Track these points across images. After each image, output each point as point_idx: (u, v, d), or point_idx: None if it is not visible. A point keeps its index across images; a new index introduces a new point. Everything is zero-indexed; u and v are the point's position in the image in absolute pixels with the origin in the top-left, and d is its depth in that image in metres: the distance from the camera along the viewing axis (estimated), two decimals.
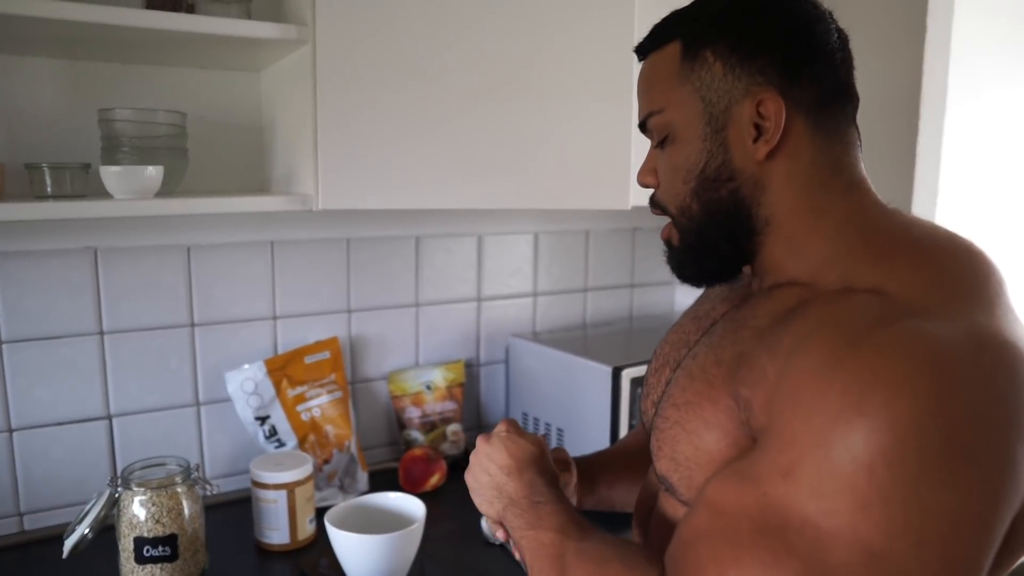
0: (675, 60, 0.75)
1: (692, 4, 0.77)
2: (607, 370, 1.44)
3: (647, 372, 0.92)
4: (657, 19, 0.80)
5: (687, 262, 0.79)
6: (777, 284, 0.74)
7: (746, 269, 0.80)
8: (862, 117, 0.77)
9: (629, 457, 1.04)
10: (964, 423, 0.54)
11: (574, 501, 0.98)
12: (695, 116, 0.74)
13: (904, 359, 0.55)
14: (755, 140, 0.72)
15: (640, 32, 1.34)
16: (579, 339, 1.74)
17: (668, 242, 0.81)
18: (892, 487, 0.53)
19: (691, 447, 0.70)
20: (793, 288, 0.71)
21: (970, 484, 0.54)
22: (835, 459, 0.55)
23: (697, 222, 0.76)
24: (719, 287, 0.87)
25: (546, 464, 0.87)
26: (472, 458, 0.89)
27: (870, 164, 0.78)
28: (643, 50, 0.80)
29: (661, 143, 0.78)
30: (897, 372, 0.54)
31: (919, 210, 1.61)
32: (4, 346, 1.27)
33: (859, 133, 0.76)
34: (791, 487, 0.57)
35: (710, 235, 0.76)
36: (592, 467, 1.02)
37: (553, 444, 1.59)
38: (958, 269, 0.64)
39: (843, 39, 0.75)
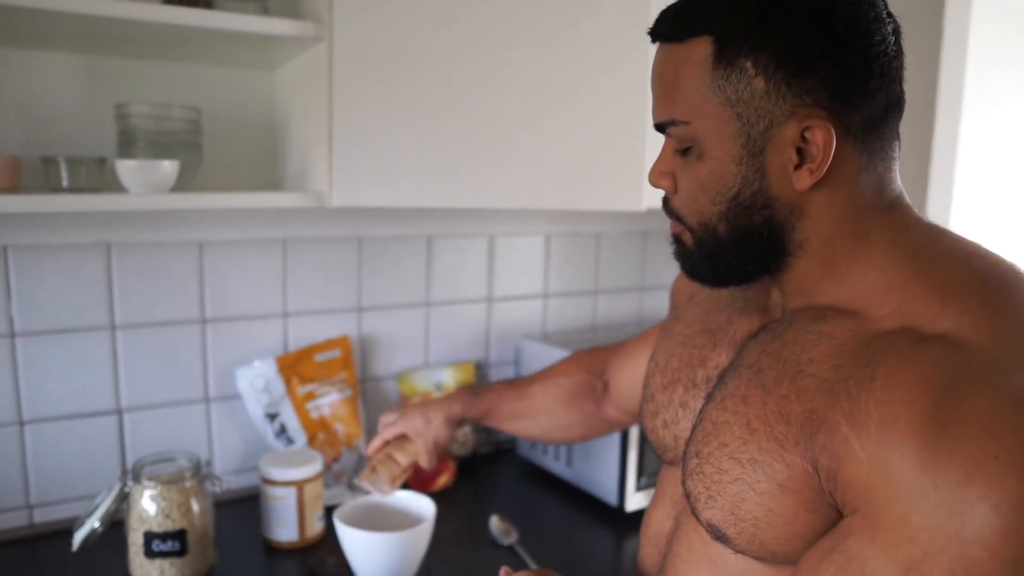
0: (705, 64, 0.65)
1: None
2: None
3: (651, 385, 0.87)
4: None
5: (700, 267, 0.73)
6: (813, 307, 0.69)
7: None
8: None
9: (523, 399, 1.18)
10: None
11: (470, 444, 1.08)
12: (729, 136, 0.65)
13: (1013, 433, 0.52)
14: (797, 167, 0.65)
15: None
16: (589, 341, 1.73)
17: (679, 239, 0.75)
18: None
19: (762, 508, 0.65)
20: (839, 319, 0.66)
21: None
22: (971, 556, 0.52)
23: (722, 242, 0.70)
24: (725, 294, 0.83)
25: None
26: None
27: None
28: (662, 36, 0.70)
29: (683, 151, 0.70)
30: (1010, 448, 0.52)
31: (934, 212, 1.60)
32: (17, 339, 1.27)
33: (900, 143, 0.70)
34: None
35: (736, 255, 0.70)
36: (490, 406, 1.17)
37: (562, 447, 1.58)
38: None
39: (898, 39, 0.67)
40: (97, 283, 1.32)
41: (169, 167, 1.11)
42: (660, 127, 0.71)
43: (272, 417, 1.44)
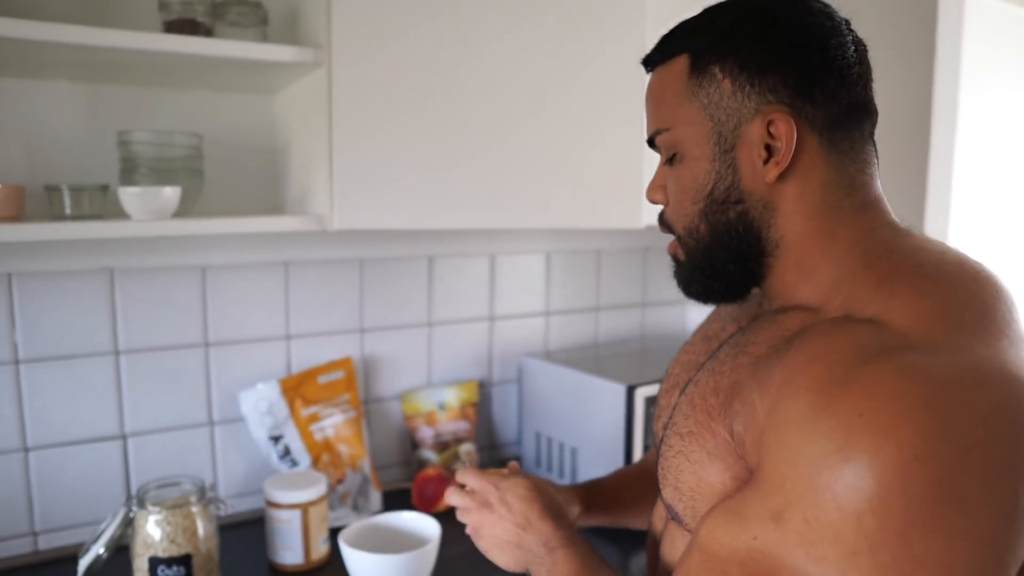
0: (683, 76, 0.72)
1: (701, 15, 0.74)
2: (621, 388, 1.44)
3: (659, 393, 0.91)
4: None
5: (693, 280, 0.77)
6: (784, 308, 0.72)
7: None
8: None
9: (642, 479, 1.04)
10: (955, 467, 0.51)
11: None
12: (704, 135, 0.71)
13: (893, 399, 0.53)
14: (765, 161, 0.69)
15: None
16: (591, 358, 1.73)
17: (675, 258, 0.80)
18: (880, 535, 0.52)
19: (694, 477, 0.69)
20: (798, 313, 0.69)
21: (963, 531, 0.51)
22: (822, 506, 0.54)
23: (704, 243, 0.74)
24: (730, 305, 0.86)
25: (552, 505, 0.88)
26: (479, 524, 0.90)
27: (882, 181, 0.76)
28: (651, 62, 0.78)
29: (670, 160, 0.76)
30: (884, 414, 0.53)
31: (932, 224, 1.60)
32: (22, 366, 1.28)
33: (876, 150, 0.74)
34: (780, 533, 0.57)
35: (717, 257, 0.74)
36: (601, 492, 1.04)
37: (567, 464, 1.58)
38: (965, 296, 0.61)
39: (860, 51, 0.72)
40: (100, 308, 1.33)
41: (171, 193, 1.12)
42: (651, 141, 0.78)
43: (276, 439, 1.44)
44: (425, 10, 1.20)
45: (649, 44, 1.35)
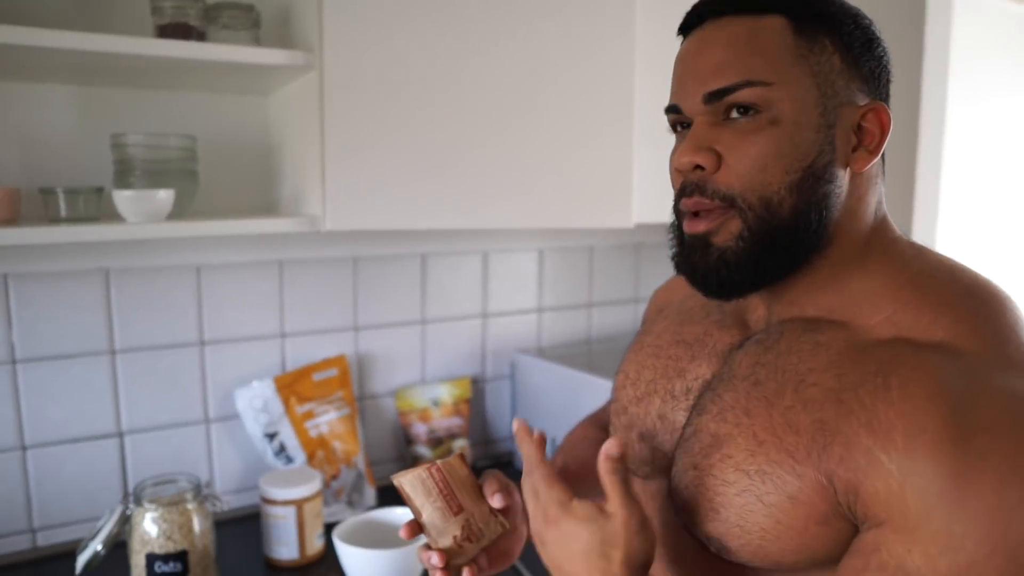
0: (785, 34, 0.66)
1: None
2: (611, 385, 1.46)
3: (623, 398, 0.85)
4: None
5: (736, 263, 0.68)
6: (803, 319, 0.70)
7: None
8: None
9: (580, 476, 0.92)
10: None
11: (524, 531, 0.87)
12: (811, 102, 0.66)
13: None
14: (854, 149, 0.68)
15: (643, 56, 1.37)
16: (583, 355, 1.75)
17: (706, 237, 0.69)
18: None
19: (770, 520, 0.65)
20: (832, 329, 0.68)
21: None
22: (1018, 558, 0.54)
23: (780, 220, 0.66)
24: (698, 306, 0.83)
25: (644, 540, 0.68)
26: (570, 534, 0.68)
27: None
28: (731, 8, 0.69)
29: (743, 116, 0.67)
30: None
31: (920, 224, 1.62)
32: (19, 365, 1.29)
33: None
34: None
35: (782, 238, 0.67)
36: None
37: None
38: (1013, 319, 0.64)
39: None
40: (96, 308, 1.34)
41: (165, 196, 1.14)
42: (720, 92, 0.67)
43: (271, 436, 1.46)
44: (416, 13, 1.21)
45: (640, 47, 1.37)
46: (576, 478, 0.93)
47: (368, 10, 1.18)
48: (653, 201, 1.44)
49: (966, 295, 0.65)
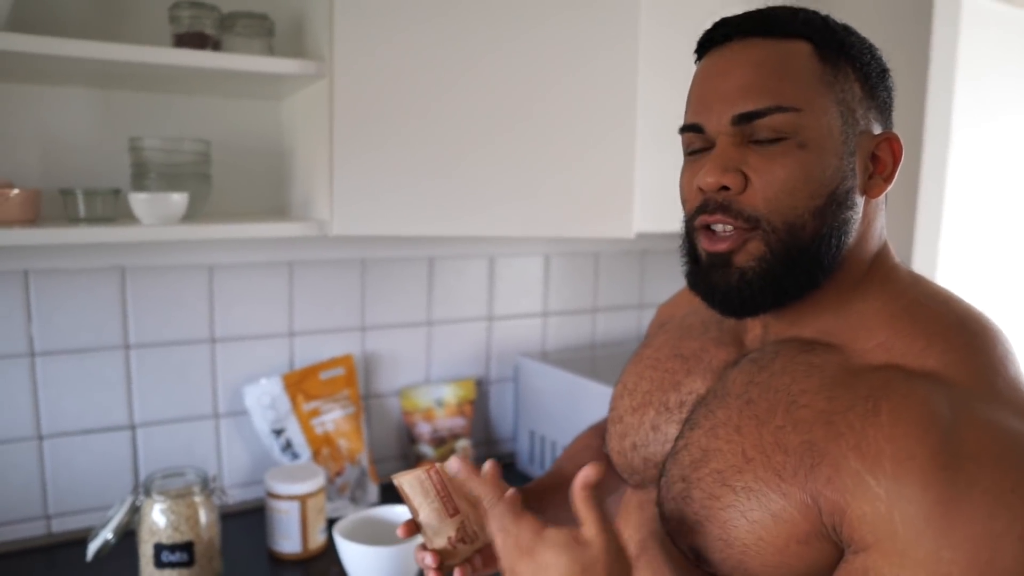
0: (812, 61, 0.68)
1: (799, 9, 0.70)
2: (611, 392, 1.48)
3: (619, 407, 0.88)
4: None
5: (759, 283, 0.68)
6: (798, 340, 0.72)
7: None
8: None
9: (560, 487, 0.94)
10: None
11: None
12: (835, 130, 0.67)
13: (1019, 468, 0.57)
14: (870, 176, 0.70)
15: (646, 67, 1.39)
16: (587, 359, 1.78)
17: (728, 256, 0.69)
18: None
19: (753, 536, 0.66)
20: (827, 352, 0.69)
21: None
22: None
23: (801, 243, 0.67)
24: (697, 322, 0.85)
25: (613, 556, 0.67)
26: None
27: None
28: (757, 31, 0.69)
29: (771, 141, 0.67)
30: (1021, 481, 0.57)
31: (922, 247, 1.63)
32: (37, 358, 1.34)
33: None
34: None
35: (803, 262, 0.68)
36: (538, 494, 0.92)
37: None
38: (1002, 352, 0.65)
39: None
40: (112, 305, 1.39)
41: (179, 199, 1.18)
42: (750, 115, 0.67)
43: (278, 433, 1.50)
44: (423, 24, 1.24)
45: (643, 58, 1.40)
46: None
47: (377, 20, 1.21)
48: (654, 211, 1.47)
49: (959, 326, 0.66)
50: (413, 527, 0.82)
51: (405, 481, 0.82)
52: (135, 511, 1.18)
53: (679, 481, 0.73)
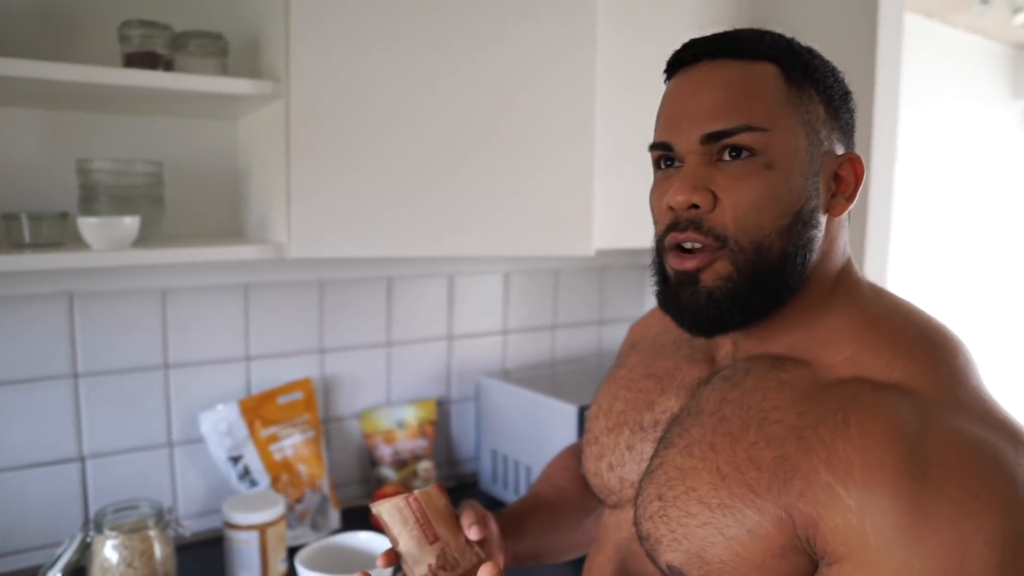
0: (779, 82, 0.70)
1: (765, 32, 0.72)
2: (573, 409, 1.49)
3: (594, 428, 0.88)
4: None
5: (727, 302, 0.70)
6: (769, 356, 0.73)
7: None
8: None
9: (557, 504, 0.98)
10: None
11: (500, 561, 0.87)
12: (802, 150, 0.69)
13: (983, 473, 0.59)
14: (833, 195, 0.72)
15: (603, 88, 1.40)
16: (547, 377, 1.78)
17: (695, 274, 0.71)
18: None
19: (729, 552, 0.66)
20: (797, 368, 0.71)
21: None
22: None
23: (767, 263, 0.69)
24: (669, 341, 0.86)
25: None
26: None
27: None
28: (725, 52, 0.71)
29: (738, 160, 0.69)
30: (987, 487, 0.58)
31: (872, 256, 1.68)
32: None
33: None
34: None
35: (771, 280, 0.70)
36: (516, 519, 0.93)
37: (523, 482, 1.62)
38: (963, 362, 0.67)
39: None
40: (59, 332, 1.34)
41: (130, 223, 1.14)
42: (719, 135, 0.69)
43: (236, 460, 1.46)
44: (380, 44, 1.24)
45: (600, 80, 1.41)
46: (552, 507, 0.98)
47: (334, 40, 1.20)
48: (613, 228, 1.48)
49: (921, 338, 0.69)
50: (394, 556, 0.81)
51: (384, 509, 0.81)
52: (86, 548, 1.13)
53: (655, 500, 0.74)
